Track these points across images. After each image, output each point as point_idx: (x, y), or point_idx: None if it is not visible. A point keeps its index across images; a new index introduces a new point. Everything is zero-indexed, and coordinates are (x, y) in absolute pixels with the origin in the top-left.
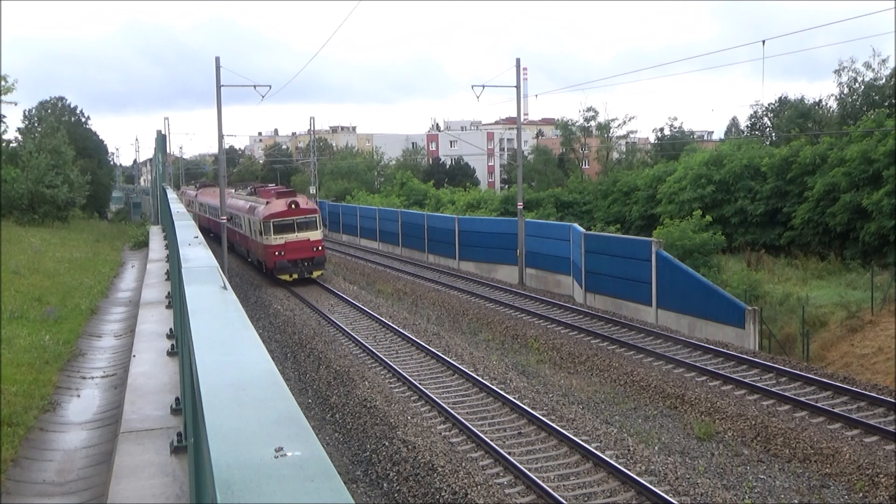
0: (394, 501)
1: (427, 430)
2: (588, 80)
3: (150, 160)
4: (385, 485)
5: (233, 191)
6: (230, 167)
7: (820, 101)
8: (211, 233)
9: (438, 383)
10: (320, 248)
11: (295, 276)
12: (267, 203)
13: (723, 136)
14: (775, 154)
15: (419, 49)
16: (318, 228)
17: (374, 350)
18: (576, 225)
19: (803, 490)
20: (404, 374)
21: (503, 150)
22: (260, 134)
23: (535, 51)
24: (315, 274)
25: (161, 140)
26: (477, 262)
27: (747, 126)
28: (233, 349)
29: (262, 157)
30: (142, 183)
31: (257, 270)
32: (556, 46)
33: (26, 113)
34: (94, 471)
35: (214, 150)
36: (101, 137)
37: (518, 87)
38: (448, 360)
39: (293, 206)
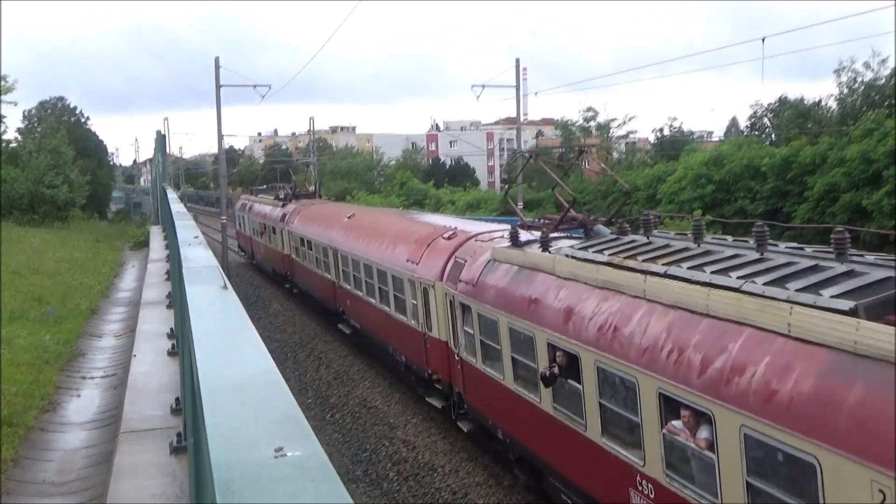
0: (394, 501)
1: (427, 430)
2: (588, 79)
3: (151, 160)
4: (385, 485)
5: (454, 227)
6: (230, 167)
7: (820, 101)
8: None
9: None
10: None
11: None
12: None
13: (723, 136)
14: (775, 154)
15: (419, 48)
16: None
17: None
18: None
19: None
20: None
21: (503, 150)
22: (260, 134)
23: (535, 50)
24: None
25: (161, 140)
26: None
27: (747, 126)
28: (233, 349)
29: (262, 157)
30: (142, 183)
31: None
32: (556, 46)
33: (26, 113)
34: (94, 471)
35: (214, 150)
36: (101, 137)
37: (518, 87)
38: None
39: None
